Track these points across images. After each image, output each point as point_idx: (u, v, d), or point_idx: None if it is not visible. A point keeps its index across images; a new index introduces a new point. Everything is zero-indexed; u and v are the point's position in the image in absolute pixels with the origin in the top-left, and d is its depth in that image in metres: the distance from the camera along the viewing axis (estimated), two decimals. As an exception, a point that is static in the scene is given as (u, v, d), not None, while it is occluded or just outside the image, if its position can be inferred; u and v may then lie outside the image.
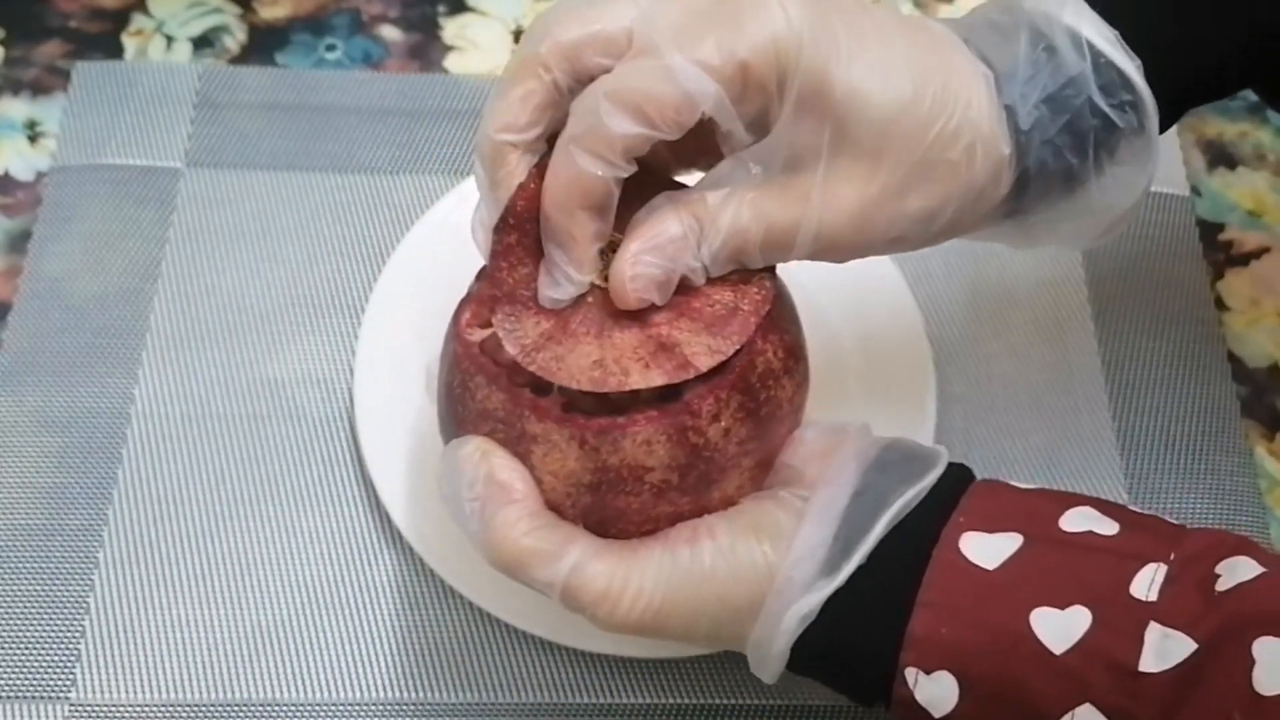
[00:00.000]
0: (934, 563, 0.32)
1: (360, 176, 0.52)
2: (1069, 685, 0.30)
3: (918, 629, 0.31)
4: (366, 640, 0.42)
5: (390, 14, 0.56)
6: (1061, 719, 0.30)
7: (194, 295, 0.49)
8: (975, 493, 0.33)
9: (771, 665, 0.34)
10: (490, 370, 0.34)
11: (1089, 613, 0.30)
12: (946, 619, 0.31)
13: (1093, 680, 0.30)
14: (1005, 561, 0.31)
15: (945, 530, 0.32)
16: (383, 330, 0.47)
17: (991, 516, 0.32)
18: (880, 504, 0.32)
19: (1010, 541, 0.32)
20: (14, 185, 0.51)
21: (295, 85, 0.53)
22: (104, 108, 0.52)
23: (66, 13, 0.55)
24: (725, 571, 0.32)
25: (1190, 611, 0.30)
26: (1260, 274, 0.52)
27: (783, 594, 0.32)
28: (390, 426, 0.45)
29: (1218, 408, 0.48)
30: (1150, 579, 0.30)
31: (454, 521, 0.34)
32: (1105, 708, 0.30)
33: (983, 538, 0.32)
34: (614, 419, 0.32)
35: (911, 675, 0.31)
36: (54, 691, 0.41)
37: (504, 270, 0.34)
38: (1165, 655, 0.29)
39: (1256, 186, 0.54)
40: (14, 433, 0.45)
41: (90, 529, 0.44)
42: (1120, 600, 0.30)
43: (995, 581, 0.31)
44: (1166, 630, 0.30)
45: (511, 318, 0.34)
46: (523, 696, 0.42)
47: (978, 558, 0.31)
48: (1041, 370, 0.49)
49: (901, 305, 0.48)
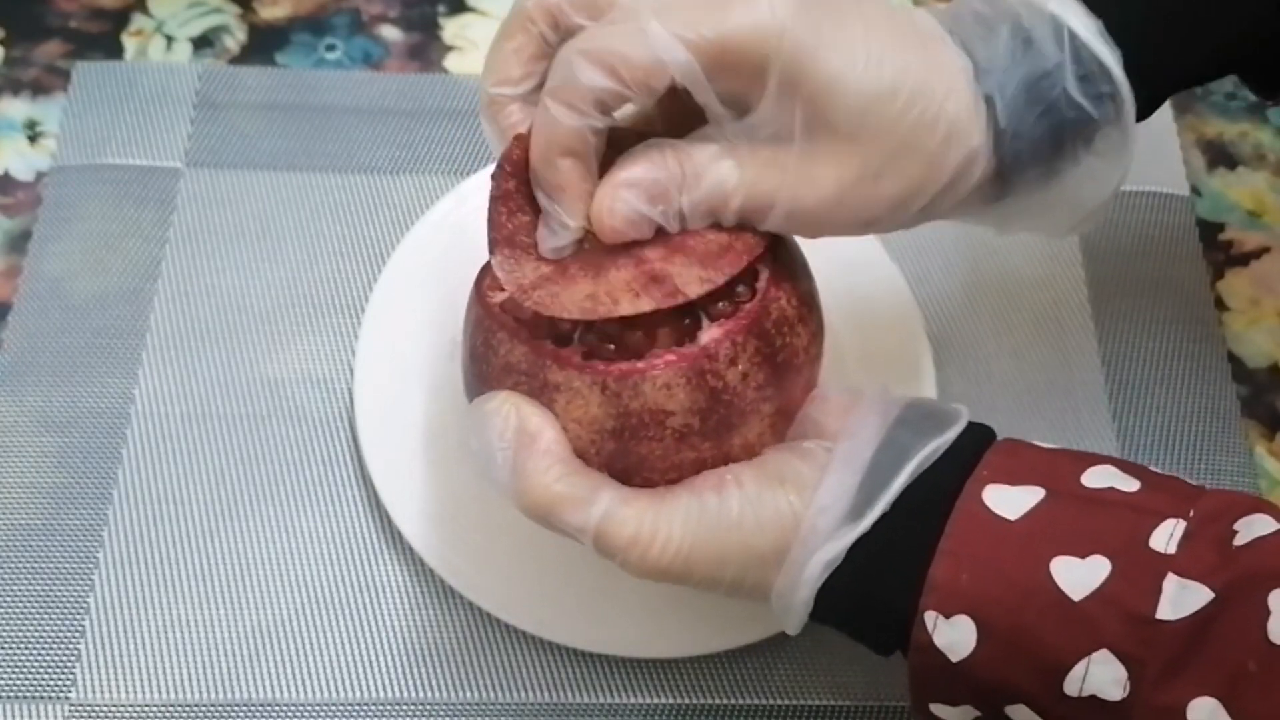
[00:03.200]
0: (956, 512, 0.32)
1: (360, 176, 0.52)
2: (1085, 631, 0.30)
3: (938, 575, 0.32)
4: (366, 640, 0.42)
5: (390, 14, 0.56)
6: (1077, 663, 0.30)
7: (194, 295, 0.49)
8: (999, 449, 0.34)
9: (795, 613, 0.34)
10: (511, 326, 0.35)
11: (1108, 562, 0.31)
12: (967, 566, 0.32)
13: (1109, 627, 0.30)
14: (1027, 513, 0.32)
15: (968, 483, 0.33)
16: (383, 330, 0.47)
17: (1014, 471, 0.33)
18: (903, 455, 0.33)
19: (1032, 494, 0.32)
20: (14, 185, 0.51)
21: (295, 85, 0.53)
22: (104, 108, 0.52)
23: (66, 13, 0.55)
24: (751, 519, 0.33)
25: (1207, 564, 0.30)
26: (1260, 274, 0.52)
27: (807, 541, 0.33)
28: (390, 426, 0.45)
29: (1218, 408, 0.48)
30: (1169, 533, 0.31)
31: (483, 474, 0.34)
32: (1120, 654, 0.30)
33: (1005, 490, 0.32)
34: (633, 363, 0.33)
35: (931, 619, 0.32)
36: (54, 691, 0.41)
37: (503, 215, 0.35)
38: (1181, 605, 0.30)
39: (1256, 186, 0.54)
40: (14, 433, 0.45)
41: (90, 529, 0.44)
42: (1139, 552, 0.31)
43: (1016, 531, 0.32)
44: (1184, 581, 0.30)
45: (510, 260, 0.34)
46: (522, 696, 0.42)
47: (1000, 508, 0.32)
48: (1041, 370, 0.49)
49: (901, 305, 0.48)
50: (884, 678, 0.43)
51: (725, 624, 0.42)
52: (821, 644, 0.43)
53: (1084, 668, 0.30)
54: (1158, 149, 0.54)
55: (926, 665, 0.32)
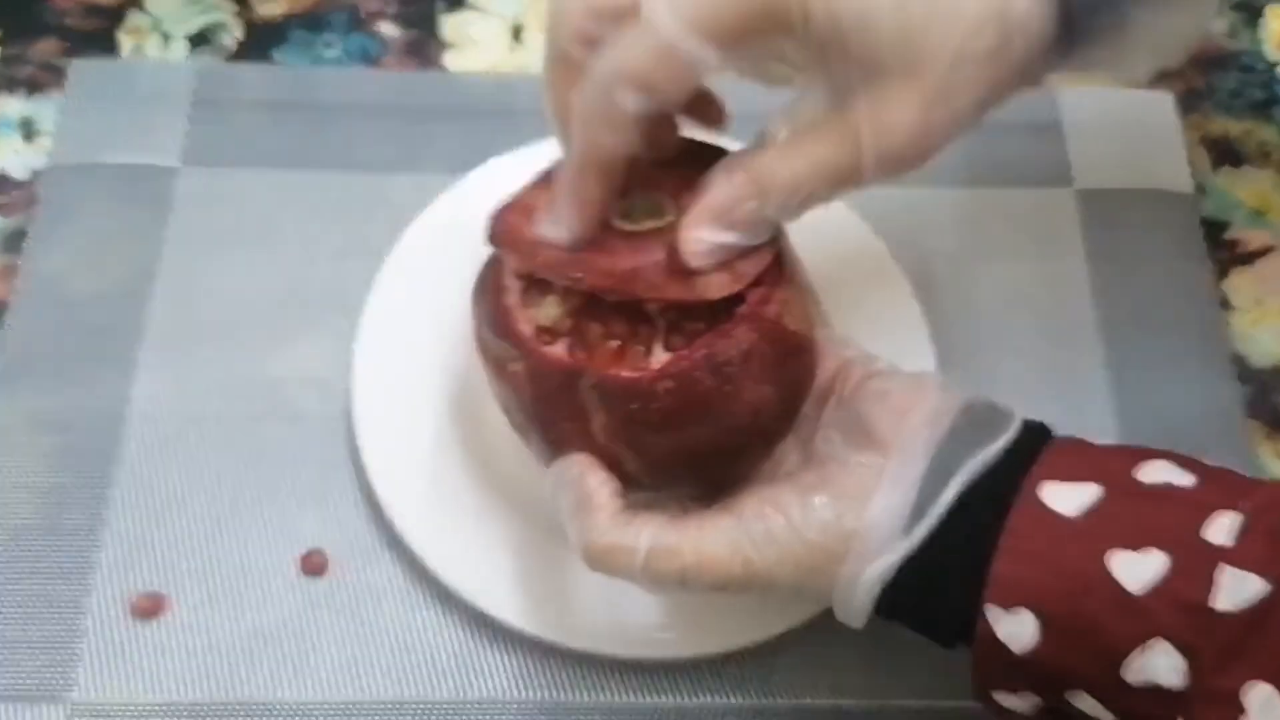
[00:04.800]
0: (1015, 510, 0.33)
1: (358, 174, 0.51)
2: (1143, 622, 0.31)
3: (1000, 570, 0.33)
4: (366, 640, 0.42)
5: (388, 11, 0.56)
6: (1135, 653, 0.31)
7: (191, 294, 0.48)
8: (1056, 448, 0.35)
9: (855, 619, 0.36)
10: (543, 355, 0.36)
11: (1165, 556, 0.31)
12: (1026, 561, 0.33)
13: (1166, 618, 0.31)
14: (1084, 509, 0.33)
15: (1026, 481, 0.34)
16: (381, 329, 0.46)
17: (1071, 469, 0.34)
18: (954, 466, 0.34)
19: (1089, 491, 0.33)
20: (10, 184, 0.51)
21: (293, 83, 0.53)
22: (100, 106, 0.52)
23: (62, 10, 0.55)
24: (799, 544, 0.34)
25: (1262, 555, 0.31)
26: (1265, 273, 0.52)
27: (860, 559, 0.34)
28: (389, 425, 0.45)
29: (1222, 407, 0.48)
30: (1226, 526, 0.31)
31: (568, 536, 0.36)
32: (1178, 643, 0.31)
33: (1063, 487, 0.33)
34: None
35: (993, 613, 0.33)
36: (54, 692, 0.41)
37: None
38: (1237, 595, 0.30)
39: (1262, 185, 0.54)
40: (11, 433, 0.45)
41: (88, 529, 0.44)
42: (1195, 545, 0.31)
43: (1075, 527, 0.33)
44: (1239, 572, 0.31)
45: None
46: (522, 696, 0.42)
47: (1058, 505, 0.33)
48: (1046, 369, 0.49)
49: (903, 305, 0.47)
50: (884, 679, 0.43)
51: (726, 625, 0.42)
52: (821, 645, 0.43)
53: (1142, 657, 0.31)
54: (1162, 147, 0.54)
55: (989, 656, 0.33)
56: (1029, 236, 0.52)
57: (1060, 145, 0.53)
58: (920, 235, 0.51)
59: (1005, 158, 0.53)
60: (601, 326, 0.36)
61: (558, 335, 0.36)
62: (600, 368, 0.35)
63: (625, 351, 0.36)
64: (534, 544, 0.43)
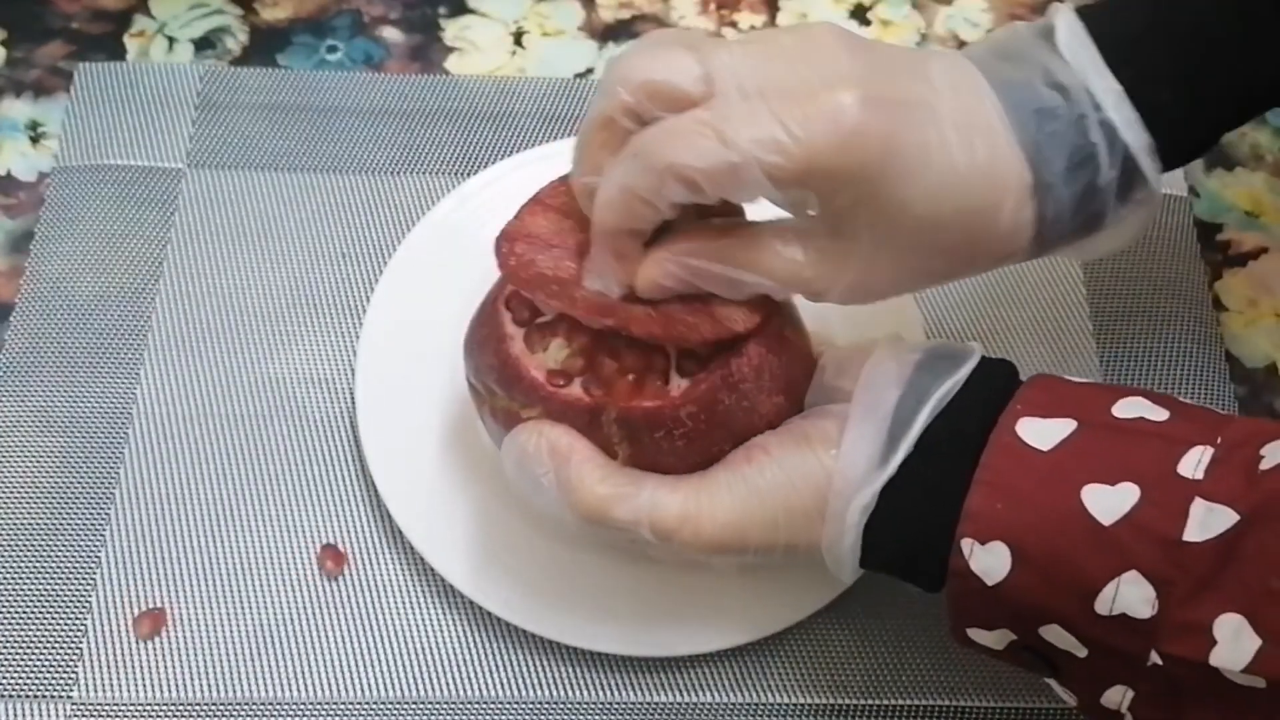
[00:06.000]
0: (991, 445, 0.33)
1: (361, 177, 0.52)
2: (1116, 554, 0.31)
3: (974, 504, 0.33)
4: (366, 640, 0.43)
5: (391, 15, 0.56)
6: (1108, 585, 0.31)
7: (196, 295, 0.49)
8: (1033, 384, 0.35)
9: (846, 564, 0.36)
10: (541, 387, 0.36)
11: (1137, 489, 0.32)
12: (1001, 495, 0.33)
13: (1139, 550, 0.31)
14: (1059, 443, 0.33)
15: (1002, 416, 0.34)
16: (384, 330, 0.47)
17: (1047, 404, 0.34)
18: (922, 397, 0.34)
19: (1064, 426, 0.33)
20: (16, 186, 0.51)
21: (296, 86, 0.54)
22: (106, 109, 0.52)
23: (68, 14, 0.55)
24: (785, 481, 0.35)
25: (1234, 488, 0.31)
26: (1258, 274, 0.52)
27: (841, 492, 0.34)
28: (392, 426, 0.45)
29: (1216, 407, 0.48)
30: (1197, 460, 0.32)
31: (536, 505, 0.36)
32: (1150, 574, 0.31)
33: (1038, 422, 0.34)
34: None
35: (967, 546, 0.33)
36: (56, 690, 0.41)
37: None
38: (1208, 527, 0.31)
39: (1254, 187, 0.54)
40: (16, 433, 0.45)
41: (92, 528, 0.44)
42: (1168, 478, 0.32)
43: (1049, 461, 0.33)
44: (1210, 505, 0.31)
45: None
46: (522, 695, 0.42)
47: (1033, 440, 0.33)
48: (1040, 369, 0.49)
49: (901, 306, 0.48)
50: (883, 676, 0.43)
51: (725, 623, 0.42)
52: (820, 643, 0.43)
53: (1114, 588, 0.31)
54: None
55: (964, 591, 0.33)
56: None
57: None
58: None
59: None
60: (614, 361, 0.36)
61: (570, 376, 0.36)
62: (621, 401, 0.35)
63: (643, 383, 0.36)
64: (535, 543, 0.43)
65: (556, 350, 0.36)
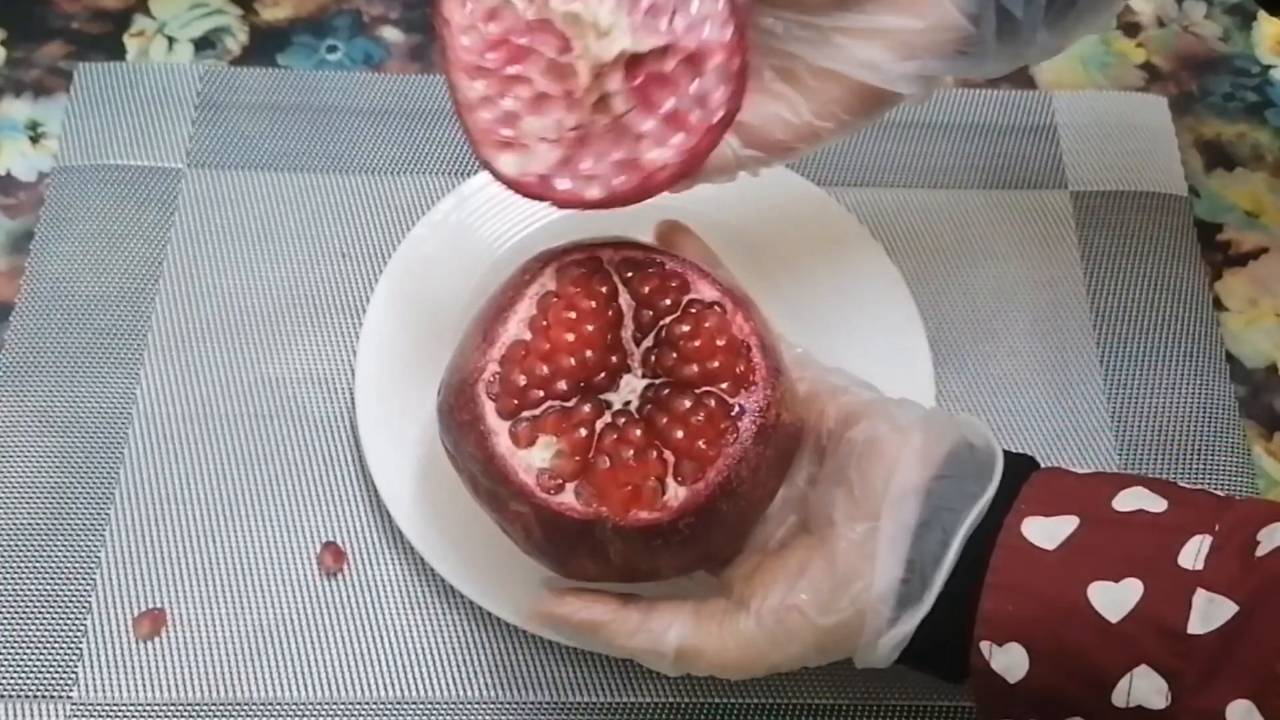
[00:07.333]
0: (999, 548, 0.35)
1: (361, 177, 0.52)
2: (1125, 649, 0.33)
3: (988, 608, 0.34)
4: (366, 640, 0.43)
5: (391, 15, 0.56)
6: (1121, 678, 0.33)
7: (195, 295, 0.49)
8: (1036, 482, 0.36)
9: (876, 668, 0.38)
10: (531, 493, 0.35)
11: (1140, 583, 0.33)
12: (1012, 597, 0.34)
13: (1146, 644, 0.33)
14: (1063, 541, 0.34)
15: (1008, 518, 0.35)
16: (384, 329, 0.47)
17: (1050, 501, 0.35)
18: (947, 535, 0.35)
19: (1067, 523, 0.35)
20: (16, 186, 0.51)
21: (296, 86, 0.54)
22: (106, 109, 0.52)
23: (68, 14, 0.55)
24: (816, 632, 0.36)
25: (1232, 576, 0.32)
26: (1258, 274, 0.52)
27: (875, 630, 0.36)
28: (391, 426, 0.45)
29: (1216, 408, 0.48)
30: (1196, 550, 0.33)
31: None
32: (1159, 667, 0.32)
33: (1043, 521, 0.35)
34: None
35: (986, 648, 0.34)
36: (56, 690, 0.41)
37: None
38: (1210, 618, 0.32)
39: (1254, 187, 0.54)
40: (16, 433, 0.45)
41: (92, 528, 0.44)
42: (1169, 570, 0.33)
43: (1055, 560, 0.34)
44: (1211, 595, 0.32)
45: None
46: (522, 696, 0.42)
47: (1038, 539, 0.34)
48: (1040, 371, 0.49)
49: (901, 305, 0.48)
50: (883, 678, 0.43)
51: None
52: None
53: (1128, 682, 0.33)
54: (1156, 150, 0.54)
55: (987, 688, 0.35)
56: (1024, 238, 0.52)
57: (1055, 148, 0.54)
58: (916, 237, 0.52)
59: (1000, 160, 0.54)
60: (607, 460, 0.35)
61: (561, 479, 0.35)
62: (617, 514, 0.34)
63: (639, 492, 0.35)
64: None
65: (544, 449, 0.35)
